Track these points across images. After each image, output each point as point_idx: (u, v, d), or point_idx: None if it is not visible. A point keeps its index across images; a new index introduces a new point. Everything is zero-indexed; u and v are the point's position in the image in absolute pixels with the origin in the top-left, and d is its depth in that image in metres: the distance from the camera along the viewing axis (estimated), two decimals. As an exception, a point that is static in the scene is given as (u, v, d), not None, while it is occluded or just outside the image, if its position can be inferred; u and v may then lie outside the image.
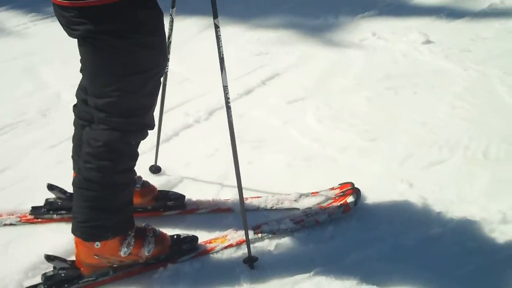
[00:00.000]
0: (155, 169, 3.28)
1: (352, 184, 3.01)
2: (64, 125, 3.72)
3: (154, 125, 2.45)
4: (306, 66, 4.75)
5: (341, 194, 2.95)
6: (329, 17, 5.85)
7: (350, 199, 2.88)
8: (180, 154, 3.48)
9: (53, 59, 4.91)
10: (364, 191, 2.98)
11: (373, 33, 5.32)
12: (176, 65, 4.27)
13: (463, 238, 2.72)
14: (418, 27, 5.38)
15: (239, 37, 5.36)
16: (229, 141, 2.53)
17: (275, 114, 3.94)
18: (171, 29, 2.88)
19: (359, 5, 6.08)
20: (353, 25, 5.64)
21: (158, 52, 2.29)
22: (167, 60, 2.44)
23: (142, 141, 2.44)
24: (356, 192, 2.92)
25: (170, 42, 2.90)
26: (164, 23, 2.31)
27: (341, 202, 2.87)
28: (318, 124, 3.78)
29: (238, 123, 2.55)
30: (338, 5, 6.13)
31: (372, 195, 3.02)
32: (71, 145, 2.73)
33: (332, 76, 4.54)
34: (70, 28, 2.17)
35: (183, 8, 2.76)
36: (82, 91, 2.56)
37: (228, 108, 2.50)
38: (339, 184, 3.04)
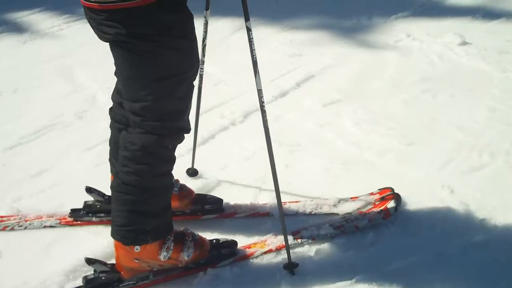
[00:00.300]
0: (192, 172, 3.27)
1: (392, 189, 2.97)
2: (100, 127, 3.74)
3: (190, 128, 2.44)
4: (340, 68, 4.70)
5: (381, 199, 2.91)
6: (362, 18, 5.80)
7: (390, 204, 2.84)
8: (217, 157, 3.47)
9: (88, 61, 4.94)
10: (404, 196, 2.94)
11: (407, 34, 5.26)
12: (211, 66, 4.27)
13: (509, 246, 2.67)
14: (453, 28, 5.31)
15: (272, 38, 5.33)
16: (266, 144, 2.50)
17: (311, 117, 3.91)
18: (205, 32, 2.86)
19: (392, 6, 6.01)
20: (387, 26, 5.58)
21: (188, 55, 2.27)
22: (199, 63, 2.42)
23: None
24: (396, 197, 2.88)
25: (205, 45, 2.88)
26: (198, 25, 2.29)
27: (381, 208, 2.84)
28: (355, 127, 3.74)
29: (274, 126, 2.53)
30: (370, 6, 6.09)
31: (413, 200, 2.97)
32: (108, 147, 2.73)
33: (368, 78, 4.50)
34: (100, 31, 2.17)
35: (216, 9, 2.74)
36: (117, 94, 2.56)
37: (263, 112, 2.48)
38: (379, 189, 3.00)
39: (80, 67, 4.88)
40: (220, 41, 5.25)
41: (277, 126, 3.66)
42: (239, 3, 2.31)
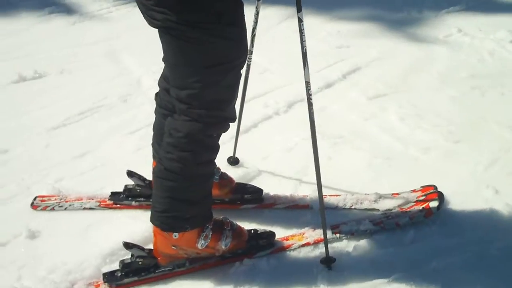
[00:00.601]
0: (233, 161, 3.25)
1: (435, 187, 2.90)
2: (144, 111, 3.77)
3: (235, 117, 2.42)
4: (388, 61, 4.63)
5: (423, 197, 2.85)
6: (413, 11, 5.71)
7: (432, 203, 2.78)
8: (259, 147, 3.44)
9: (134, 45, 4.97)
10: (447, 195, 2.87)
11: (458, 29, 5.16)
12: (257, 55, 4.22)
13: (554, 251, 2.59)
14: (506, 25, 5.17)
15: (320, 28, 5.29)
16: (308, 136, 2.47)
17: (355, 109, 3.86)
18: (256, 22, 2.82)
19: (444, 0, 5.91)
20: (437, 20, 5.48)
21: (237, 44, 2.24)
22: (247, 52, 2.39)
23: (221, 132, 2.42)
24: (439, 196, 2.82)
25: (254, 35, 2.85)
26: (247, 14, 2.26)
27: (423, 206, 2.78)
28: (400, 122, 3.67)
29: (318, 118, 2.49)
30: (421, -1, 6.00)
31: (456, 199, 2.90)
32: (151, 132, 2.73)
33: (416, 72, 4.42)
34: (149, 16, 2.16)
35: (264, -3, 2.74)
36: (164, 80, 2.55)
37: (310, 105, 2.43)
38: (421, 187, 2.94)
39: (126, 51, 4.92)
40: (267, 30, 5.22)
41: (322, 117, 3.61)
42: (290, -8, 2.28)
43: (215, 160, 2.48)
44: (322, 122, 3.48)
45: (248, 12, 2.26)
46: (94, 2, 6.13)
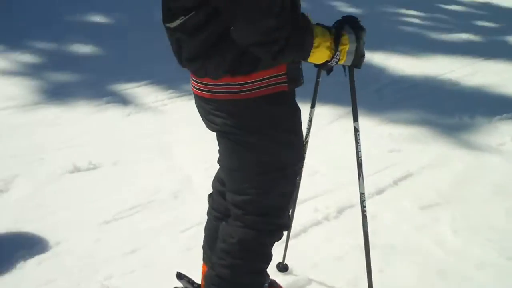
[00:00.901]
0: (283, 267, 3.21)
1: (491, 309, 2.82)
2: (195, 209, 3.76)
3: (289, 225, 2.43)
4: (440, 169, 4.58)
5: (479, 319, 2.77)
6: (465, 116, 5.69)
7: (488, 327, 2.69)
8: (308, 253, 3.39)
9: (187, 139, 5.00)
10: (503, 319, 2.78)
11: (512, 137, 5.12)
12: (307, 156, 4.25)
13: None
14: None
15: (371, 130, 5.27)
16: (358, 244, 2.47)
17: (407, 219, 3.80)
18: (309, 129, 2.85)
19: (497, 106, 5.91)
20: (490, 127, 5.45)
21: (294, 150, 2.26)
22: (303, 159, 2.41)
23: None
24: (495, 320, 2.73)
25: (307, 142, 2.87)
26: (302, 120, 2.28)
27: (479, 330, 2.69)
28: (453, 235, 3.60)
29: (369, 226, 2.48)
30: (473, 104, 6.00)
31: (512, 324, 2.81)
32: (202, 232, 2.72)
33: (469, 182, 4.36)
34: (208, 120, 2.20)
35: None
36: (218, 182, 2.57)
37: (364, 217, 2.42)
38: (477, 308, 2.86)
39: (179, 145, 4.95)
40: (318, 130, 5.21)
41: (372, 225, 3.49)
42: (341, 91, 2.30)
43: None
44: (372, 231, 3.38)
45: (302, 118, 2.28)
46: (149, 94, 6.24)
